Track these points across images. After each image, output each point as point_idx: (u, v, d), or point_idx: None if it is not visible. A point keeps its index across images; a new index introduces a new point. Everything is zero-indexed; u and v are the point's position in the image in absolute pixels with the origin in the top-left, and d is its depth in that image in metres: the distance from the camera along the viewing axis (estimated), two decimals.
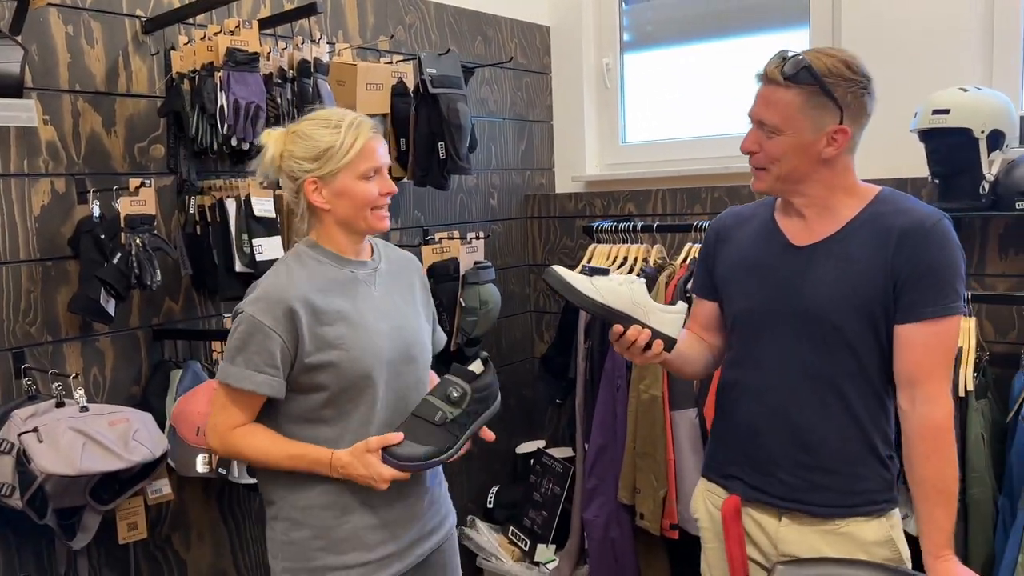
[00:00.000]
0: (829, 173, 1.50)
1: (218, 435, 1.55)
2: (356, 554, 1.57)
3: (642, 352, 1.50)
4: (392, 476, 1.48)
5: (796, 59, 1.44)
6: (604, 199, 3.25)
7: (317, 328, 1.51)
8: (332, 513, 1.56)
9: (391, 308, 1.62)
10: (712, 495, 1.69)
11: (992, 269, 2.41)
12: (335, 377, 1.52)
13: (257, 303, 1.51)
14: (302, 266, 1.57)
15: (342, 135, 1.53)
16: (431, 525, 1.69)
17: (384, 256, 1.69)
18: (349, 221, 1.57)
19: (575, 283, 1.47)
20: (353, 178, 1.54)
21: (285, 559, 1.58)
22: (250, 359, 1.49)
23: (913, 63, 2.55)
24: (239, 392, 1.51)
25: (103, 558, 2.17)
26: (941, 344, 1.45)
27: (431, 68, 2.59)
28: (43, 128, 2.03)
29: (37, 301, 2.03)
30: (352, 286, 1.58)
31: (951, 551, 1.45)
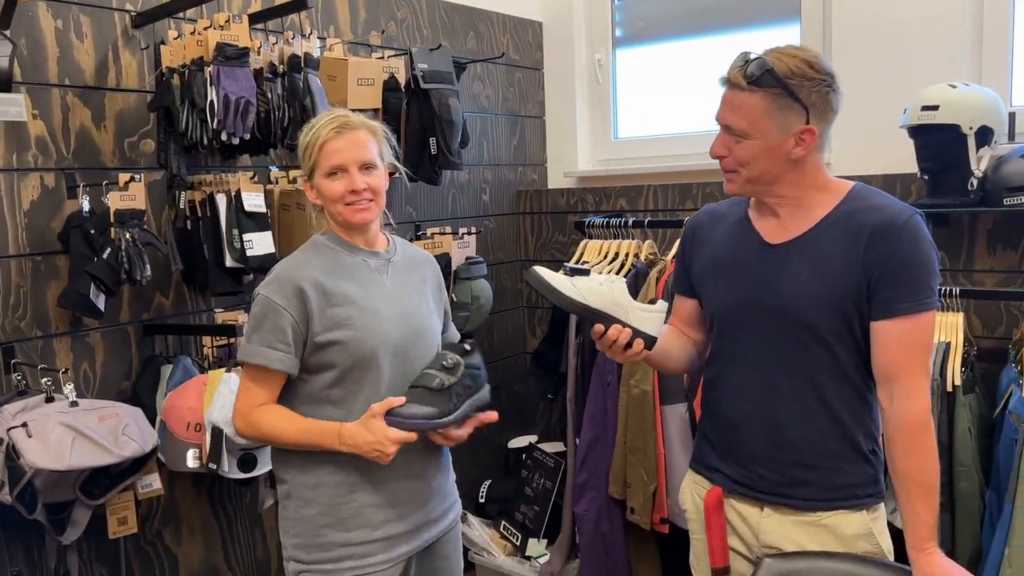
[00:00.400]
0: (799, 173, 1.51)
1: (240, 415, 1.63)
2: (362, 531, 1.63)
3: (623, 350, 1.52)
4: (398, 437, 1.52)
5: (759, 62, 1.43)
6: (596, 195, 3.26)
7: (327, 308, 1.59)
8: (340, 491, 1.62)
9: (400, 296, 1.68)
10: (698, 487, 1.70)
11: (980, 265, 2.42)
12: (342, 355, 1.59)
13: (271, 285, 1.60)
14: (316, 252, 1.66)
15: (310, 135, 1.62)
16: (437, 512, 1.74)
17: (400, 251, 1.76)
18: (332, 217, 1.66)
19: (556, 284, 1.49)
20: (321, 176, 1.62)
21: (295, 535, 1.65)
22: (264, 337, 1.58)
23: (903, 59, 2.57)
24: (256, 369, 1.59)
25: (93, 553, 2.17)
26: (916, 340, 1.46)
27: (423, 63, 2.59)
28: (32, 123, 2.02)
29: (27, 296, 2.03)
30: (363, 272, 1.66)
31: (935, 544, 1.46)
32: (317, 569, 1.63)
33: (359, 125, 1.63)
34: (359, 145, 1.62)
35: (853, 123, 2.63)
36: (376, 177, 1.63)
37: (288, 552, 1.67)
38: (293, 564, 1.66)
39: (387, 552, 1.65)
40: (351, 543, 1.63)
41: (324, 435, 1.58)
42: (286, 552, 1.67)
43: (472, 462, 3.30)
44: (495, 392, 1.74)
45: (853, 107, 2.60)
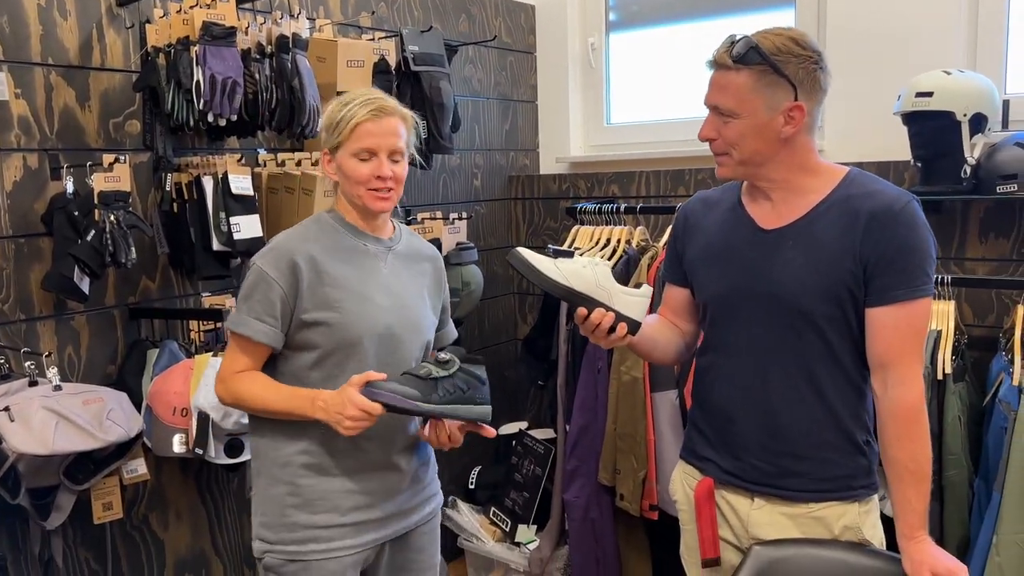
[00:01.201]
0: (790, 153, 1.49)
1: (220, 380, 1.62)
2: (328, 515, 1.61)
3: (607, 335, 1.50)
4: (362, 403, 1.48)
5: (744, 40, 1.43)
6: (588, 180, 3.24)
7: (318, 287, 1.58)
8: (308, 472, 1.61)
9: (396, 286, 1.66)
10: (689, 477, 1.69)
11: (972, 253, 2.42)
12: (327, 337, 1.57)
13: (266, 255, 1.59)
14: (319, 229, 1.64)
15: (346, 111, 1.58)
16: (413, 503, 1.72)
17: (404, 241, 1.73)
18: (349, 197, 1.64)
19: (539, 265, 1.46)
20: (348, 155, 1.58)
21: (262, 513, 1.64)
22: (252, 307, 1.57)
23: (898, 45, 2.55)
24: (241, 339, 1.58)
25: (78, 538, 2.15)
26: (912, 327, 1.45)
27: (413, 45, 2.56)
28: (15, 102, 1.99)
29: (10, 279, 2.00)
30: (361, 257, 1.64)
31: (925, 532, 1.45)
32: (280, 550, 1.61)
33: (394, 111, 1.61)
34: (393, 132, 1.59)
35: (847, 109, 2.63)
36: (401, 167, 1.62)
37: (255, 530, 1.66)
38: (258, 543, 1.65)
39: (354, 538, 1.63)
40: (317, 526, 1.61)
41: (303, 400, 1.55)
42: (254, 530, 1.66)
43: (462, 448, 3.26)
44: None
45: (847, 93, 2.61)
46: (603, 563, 2.66)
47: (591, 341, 1.54)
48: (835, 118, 2.67)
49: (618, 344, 1.53)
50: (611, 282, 1.49)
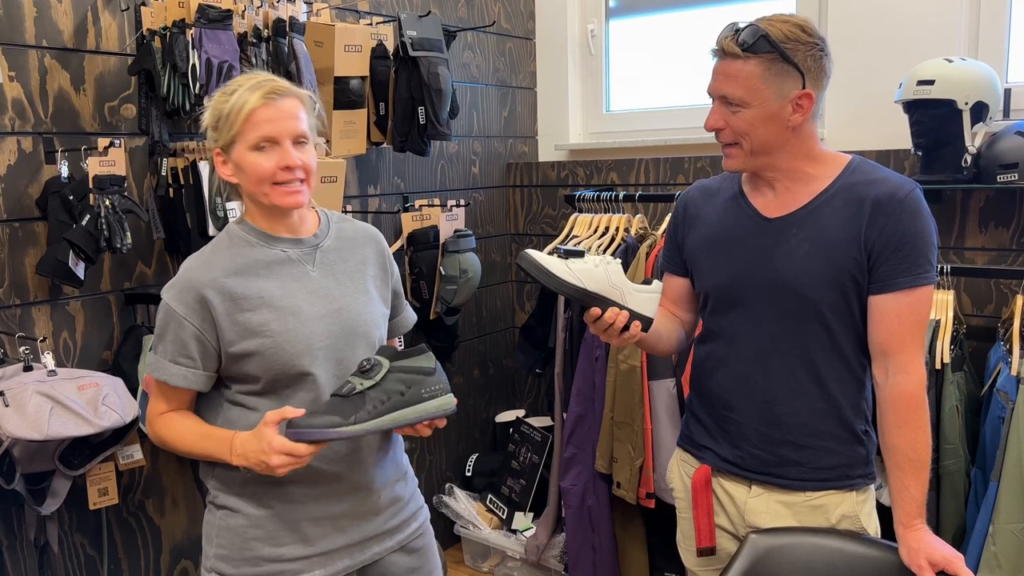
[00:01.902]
0: (797, 141, 1.48)
1: (149, 422, 1.47)
2: (296, 547, 1.45)
3: (619, 334, 1.48)
4: (282, 447, 1.31)
5: (752, 28, 1.42)
6: (587, 168, 3.22)
7: (237, 315, 1.39)
8: (271, 501, 1.45)
9: (330, 289, 1.47)
10: (686, 465, 1.69)
11: (971, 242, 2.41)
12: (263, 367, 1.40)
13: (171, 289, 1.42)
14: (227, 247, 1.45)
15: (232, 101, 1.38)
16: (391, 524, 1.55)
17: (334, 231, 1.53)
18: (253, 197, 1.43)
19: (551, 268, 1.43)
20: (244, 149, 1.38)
21: (219, 545, 1.47)
22: (167, 348, 1.41)
23: (899, 33, 2.53)
24: (160, 382, 1.43)
25: (74, 523, 2.15)
26: (914, 314, 1.45)
27: (411, 30, 2.54)
28: (9, 85, 1.97)
29: (4, 263, 1.99)
30: (282, 267, 1.45)
31: (922, 520, 1.45)
32: None
33: (289, 91, 1.41)
34: (292, 115, 1.40)
35: (847, 98, 2.61)
36: (308, 153, 1.42)
37: (209, 562, 1.48)
38: None
39: (324, 567, 1.47)
40: (283, 559, 1.45)
41: (219, 444, 1.39)
42: (207, 561, 1.48)
43: (459, 436, 3.29)
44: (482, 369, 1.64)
45: (848, 81, 2.59)
46: (599, 550, 2.67)
47: (601, 339, 1.52)
48: (836, 106, 2.66)
49: (629, 342, 1.51)
50: (623, 280, 1.47)
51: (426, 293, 2.78)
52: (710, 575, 1.66)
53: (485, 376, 3.37)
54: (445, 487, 3.16)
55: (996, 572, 1.96)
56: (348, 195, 2.76)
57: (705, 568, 1.68)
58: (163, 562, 2.37)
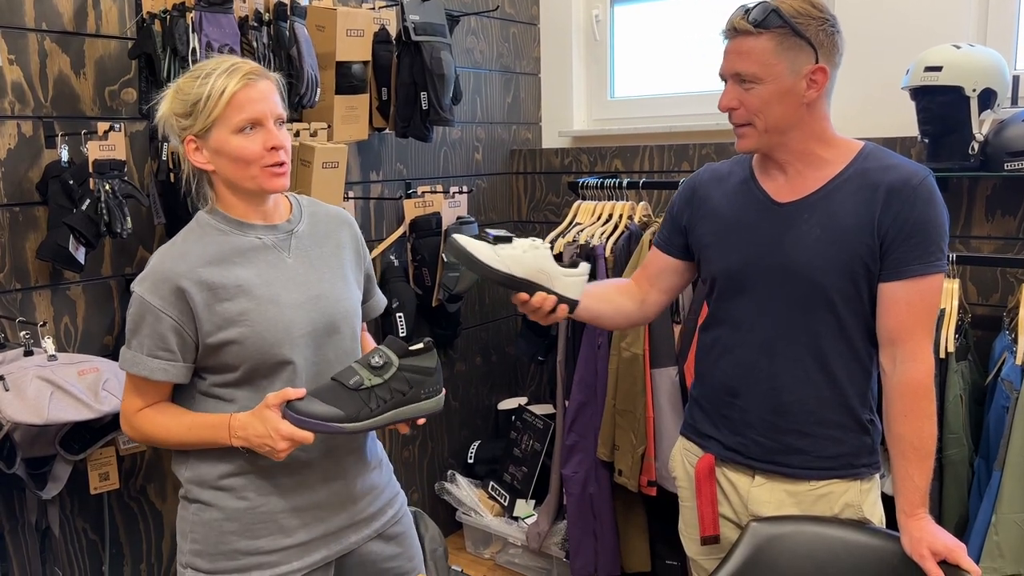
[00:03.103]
0: (811, 119, 1.47)
1: (126, 420, 1.45)
2: (271, 539, 1.44)
3: (546, 316, 1.49)
4: (289, 433, 1.31)
5: (762, 5, 1.42)
6: (591, 155, 3.21)
7: (215, 305, 1.37)
8: (245, 494, 1.44)
9: (307, 276, 1.46)
10: (690, 454, 1.68)
11: (978, 231, 2.39)
12: (242, 356, 1.39)
13: (144, 282, 1.38)
14: (199, 236, 1.42)
15: (209, 85, 1.35)
16: (368, 512, 1.54)
17: (306, 215, 1.51)
18: (236, 182, 1.40)
19: (477, 254, 1.41)
20: (227, 133, 1.36)
21: (194, 540, 1.45)
22: (143, 343, 1.38)
23: (907, 19, 2.50)
24: (136, 378, 1.41)
25: (75, 508, 2.15)
26: (924, 302, 1.43)
27: (414, 15, 2.52)
28: (8, 68, 1.96)
29: (4, 247, 1.98)
30: (258, 254, 1.42)
31: (925, 510, 1.44)
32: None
33: (265, 74, 1.40)
34: (271, 96, 1.39)
35: (854, 84, 2.58)
36: (286, 136, 1.41)
37: (185, 558, 1.46)
38: (191, 572, 1.45)
39: (302, 558, 1.46)
40: (261, 551, 1.43)
41: (214, 428, 1.38)
42: (182, 557, 1.47)
43: (462, 423, 3.29)
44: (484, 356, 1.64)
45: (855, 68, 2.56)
46: (601, 538, 2.67)
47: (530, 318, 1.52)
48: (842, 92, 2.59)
49: (556, 320, 1.52)
50: (551, 264, 1.46)
51: (428, 280, 2.77)
52: (712, 563, 1.65)
53: (487, 364, 3.36)
54: (447, 474, 3.17)
55: (998, 562, 1.95)
56: (350, 181, 2.75)
57: (707, 556, 1.68)
58: (164, 546, 2.37)
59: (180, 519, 1.50)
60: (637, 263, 2.54)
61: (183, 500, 1.49)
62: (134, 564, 2.31)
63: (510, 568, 3.00)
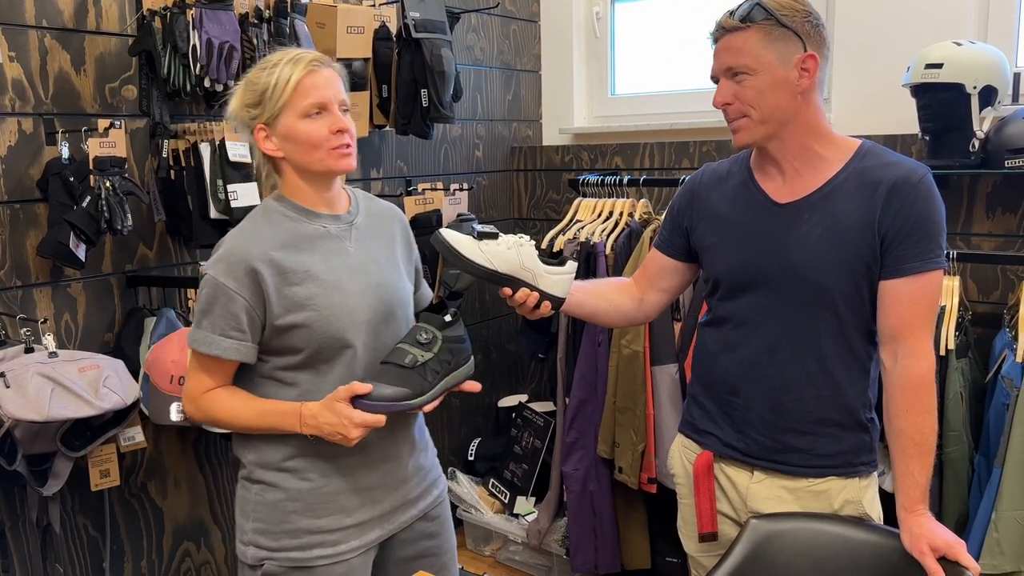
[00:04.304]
0: (807, 110, 1.47)
1: (191, 400, 1.49)
2: (333, 518, 1.51)
3: (531, 312, 1.51)
4: (363, 420, 1.39)
5: (746, 3, 1.46)
6: (591, 152, 3.20)
7: (285, 288, 1.43)
8: (309, 476, 1.50)
9: (368, 265, 1.52)
10: (688, 451, 1.68)
11: (978, 228, 2.39)
12: (307, 339, 1.44)
13: (219, 264, 1.43)
14: (269, 222, 1.47)
15: (276, 73, 1.42)
16: (415, 493, 1.61)
17: (363, 209, 1.58)
18: (305, 166, 1.46)
19: (462, 249, 1.44)
20: (295, 118, 1.42)
21: (257, 520, 1.51)
22: (215, 323, 1.42)
23: (908, 16, 2.50)
24: (205, 357, 1.45)
25: (76, 505, 2.16)
26: (925, 298, 1.44)
27: (414, 12, 2.52)
28: (9, 65, 1.96)
29: (5, 244, 1.98)
30: (323, 242, 1.49)
31: (925, 506, 1.44)
32: (282, 557, 1.49)
33: (328, 62, 1.47)
34: (335, 83, 1.46)
35: (855, 81, 2.58)
36: (351, 121, 1.48)
37: (247, 536, 1.52)
38: (254, 550, 1.51)
39: (359, 538, 1.53)
40: (322, 530, 1.50)
41: (283, 416, 1.44)
42: (244, 536, 1.53)
43: (462, 420, 3.30)
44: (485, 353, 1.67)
45: (856, 65, 2.57)
46: (601, 535, 2.67)
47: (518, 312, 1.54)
48: (843, 90, 2.63)
49: (543, 316, 1.54)
50: (535, 262, 1.48)
51: (428, 277, 2.77)
52: (711, 560, 1.65)
53: (488, 361, 3.37)
54: (448, 471, 3.17)
55: (998, 559, 1.95)
56: (350, 178, 2.75)
57: (706, 553, 1.68)
58: (165, 543, 2.38)
59: (241, 499, 1.55)
60: (637, 260, 2.54)
61: (244, 481, 1.54)
62: (135, 561, 2.31)
63: (510, 565, 3.00)
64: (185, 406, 1.52)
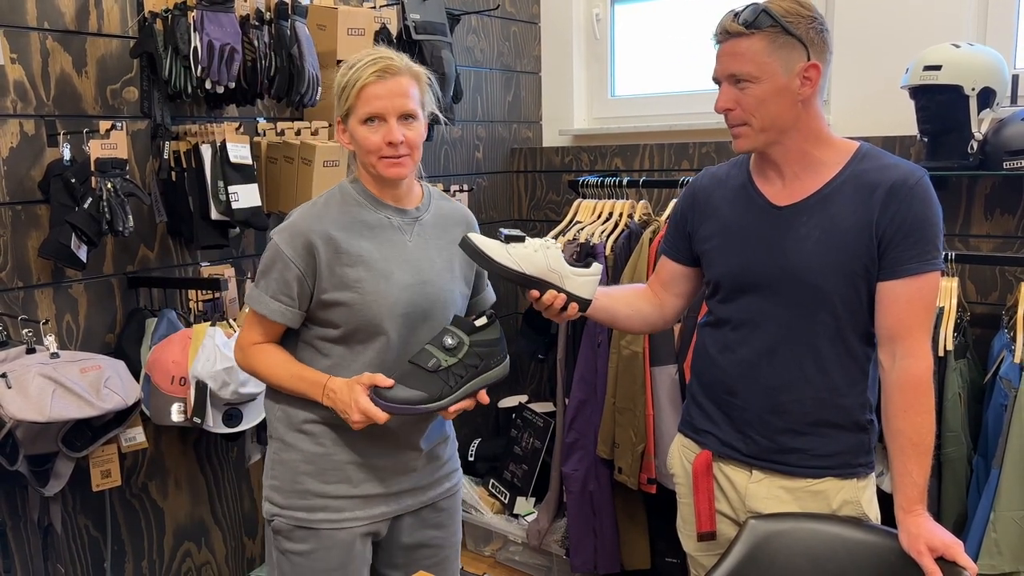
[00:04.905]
0: (807, 117, 1.48)
1: (240, 348, 1.60)
2: (340, 486, 1.58)
3: (558, 314, 1.52)
4: (366, 409, 1.44)
5: (752, 7, 1.44)
6: (591, 153, 3.21)
7: (337, 267, 1.51)
8: (323, 442, 1.58)
9: (421, 261, 1.57)
10: (687, 451, 1.69)
11: (977, 229, 2.39)
12: (347, 317, 1.52)
13: (283, 232, 1.53)
14: (339, 203, 1.56)
15: (351, 74, 1.49)
16: (427, 480, 1.67)
17: (434, 207, 1.63)
18: (363, 167, 1.56)
19: (490, 252, 1.46)
20: (356, 122, 1.50)
21: (273, 477, 1.62)
22: (269, 285, 1.53)
23: (906, 18, 2.51)
24: (257, 314, 1.55)
25: (77, 505, 2.16)
26: (923, 299, 1.44)
27: (415, 14, 2.52)
28: (11, 67, 1.96)
29: (7, 245, 1.99)
30: (383, 231, 1.56)
31: (923, 506, 1.45)
32: (289, 515, 1.58)
33: (402, 70, 1.50)
34: (401, 93, 1.49)
35: (853, 83, 2.59)
36: (415, 129, 1.51)
37: (266, 492, 1.63)
38: (268, 505, 1.62)
39: (364, 509, 1.60)
40: (328, 495, 1.58)
41: (312, 384, 1.52)
42: (265, 492, 1.64)
43: (462, 421, 3.28)
44: None
45: (854, 67, 2.57)
46: (600, 535, 2.67)
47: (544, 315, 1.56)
48: (841, 92, 2.64)
49: (569, 319, 1.56)
50: (562, 264, 1.50)
51: None
52: (710, 560, 1.66)
53: None
54: None
55: (997, 559, 1.96)
56: None
57: (705, 553, 1.68)
58: (166, 543, 2.38)
59: (267, 458, 1.65)
60: (637, 262, 2.55)
61: (270, 439, 1.64)
62: (136, 561, 2.32)
63: (510, 565, 3.01)
64: (235, 354, 1.62)
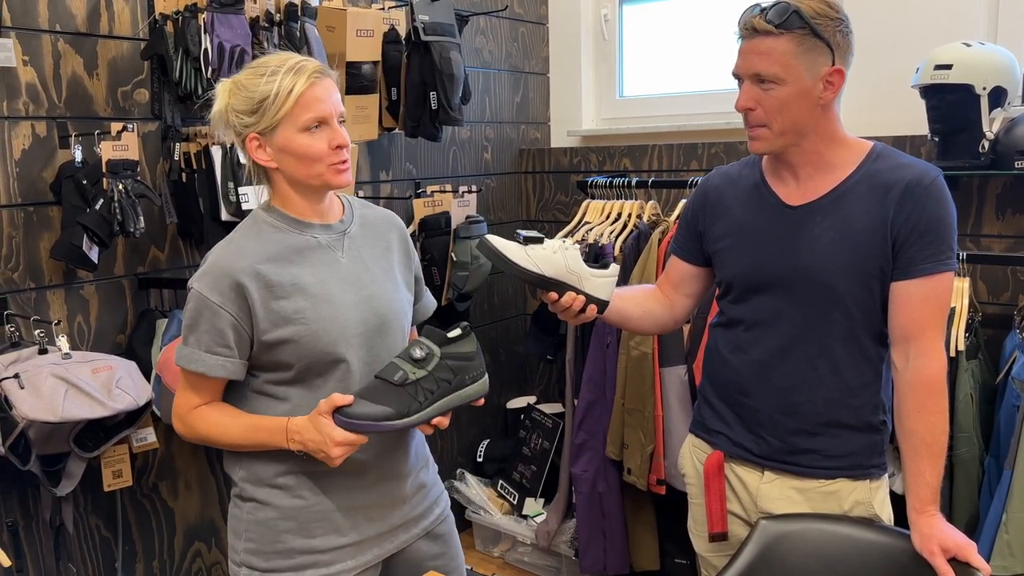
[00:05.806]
0: (825, 121, 1.47)
1: (179, 418, 1.45)
2: (328, 537, 1.45)
3: (576, 315, 1.50)
4: (343, 439, 1.32)
5: (781, 6, 1.41)
6: (600, 154, 3.21)
7: (272, 302, 1.37)
8: (301, 493, 1.44)
9: (360, 276, 1.46)
10: (699, 451, 1.69)
11: (988, 229, 2.38)
12: (297, 354, 1.39)
13: (203, 278, 1.38)
14: (256, 233, 1.42)
15: (277, 83, 1.34)
16: (417, 511, 1.56)
17: (357, 217, 1.52)
18: (301, 180, 1.40)
19: (508, 253, 1.44)
20: (294, 131, 1.36)
21: (248, 539, 1.46)
22: (201, 339, 1.37)
23: (917, 17, 2.50)
24: (192, 374, 1.40)
25: (89, 505, 2.17)
26: (936, 299, 1.44)
27: (424, 15, 2.53)
28: (23, 69, 1.98)
29: (19, 247, 2.00)
30: (313, 253, 1.43)
31: (936, 507, 1.44)
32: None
33: (327, 72, 1.40)
34: (334, 95, 1.39)
35: (864, 82, 2.57)
36: (345, 132, 1.41)
37: (239, 556, 1.46)
38: (246, 570, 1.46)
39: (356, 558, 1.48)
40: (316, 550, 1.44)
41: (271, 432, 1.38)
42: (236, 556, 1.47)
43: (471, 422, 3.30)
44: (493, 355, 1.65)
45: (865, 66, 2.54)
46: (610, 536, 2.67)
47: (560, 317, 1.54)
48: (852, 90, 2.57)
49: (587, 321, 1.53)
50: (580, 265, 1.48)
51: (438, 279, 2.78)
52: (721, 560, 1.65)
53: (496, 362, 3.37)
54: (456, 472, 3.18)
55: (1009, 560, 1.95)
56: (360, 181, 2.76)
57: (716, 554, 1.68)
58: (177, 544, 2.39)
59: (233, 518, 1.49)
60: (646, 262, 2.55)
61: (236, 499, 1.49)
62: (147, 561, 2.33)
63: (519, 567, 3.01)
64: (174, 424, 1.46)
